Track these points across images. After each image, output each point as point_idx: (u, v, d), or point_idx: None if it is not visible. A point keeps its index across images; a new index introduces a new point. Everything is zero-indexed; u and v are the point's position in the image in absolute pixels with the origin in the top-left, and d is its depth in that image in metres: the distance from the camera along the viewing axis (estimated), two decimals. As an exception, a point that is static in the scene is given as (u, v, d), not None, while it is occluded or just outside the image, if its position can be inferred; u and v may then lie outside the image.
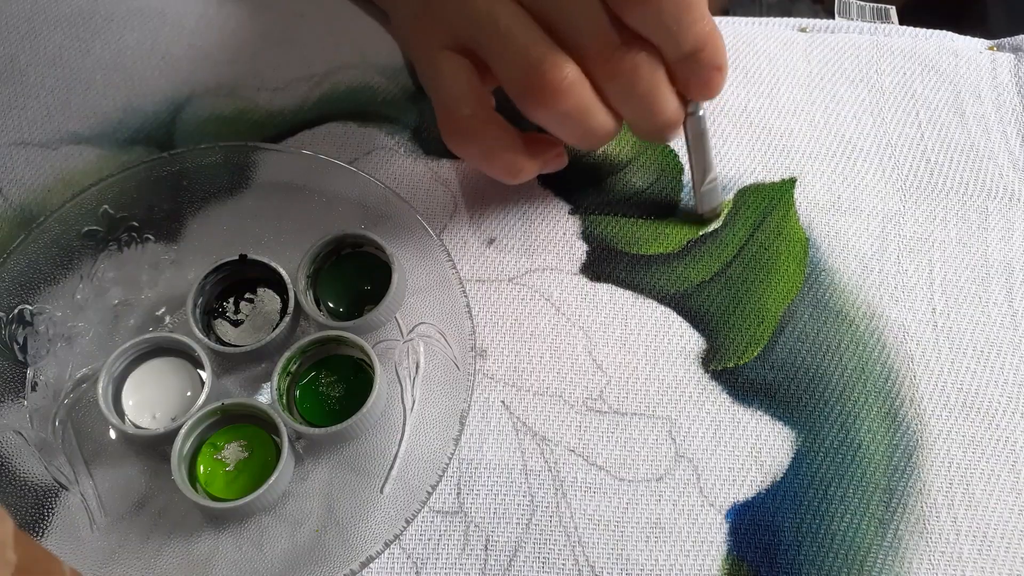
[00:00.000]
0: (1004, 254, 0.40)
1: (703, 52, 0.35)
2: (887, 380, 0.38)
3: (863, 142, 0.43)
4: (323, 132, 0.43)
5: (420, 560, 0.35)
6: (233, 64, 0.45)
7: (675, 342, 0.39)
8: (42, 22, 0.46)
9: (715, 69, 0.36)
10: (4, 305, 0.38)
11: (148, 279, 0.39)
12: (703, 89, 0.36)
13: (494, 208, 0.41)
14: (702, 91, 0.37)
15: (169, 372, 0.37)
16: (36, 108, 0.44)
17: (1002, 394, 0.38)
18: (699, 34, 0.35)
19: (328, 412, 0.37)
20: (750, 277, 0.40)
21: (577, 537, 0.35)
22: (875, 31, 0.46)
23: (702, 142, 0.39)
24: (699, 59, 0.35)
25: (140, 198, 0.40)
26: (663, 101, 0.36)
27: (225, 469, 0.36)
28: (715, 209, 0.41)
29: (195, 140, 0.43)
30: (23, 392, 0.37)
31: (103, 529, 0.35)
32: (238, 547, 0.35)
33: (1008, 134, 0.43)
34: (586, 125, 0.36)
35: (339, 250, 0.39)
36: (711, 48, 0.35)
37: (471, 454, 0.36)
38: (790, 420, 0.37)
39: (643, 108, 0.36)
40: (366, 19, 0.46)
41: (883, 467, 0.36)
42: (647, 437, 0.37)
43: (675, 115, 0.37)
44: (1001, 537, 0.35)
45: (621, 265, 0.40)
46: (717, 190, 0.40)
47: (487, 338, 0.39)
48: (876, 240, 0.41)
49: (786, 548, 0.35)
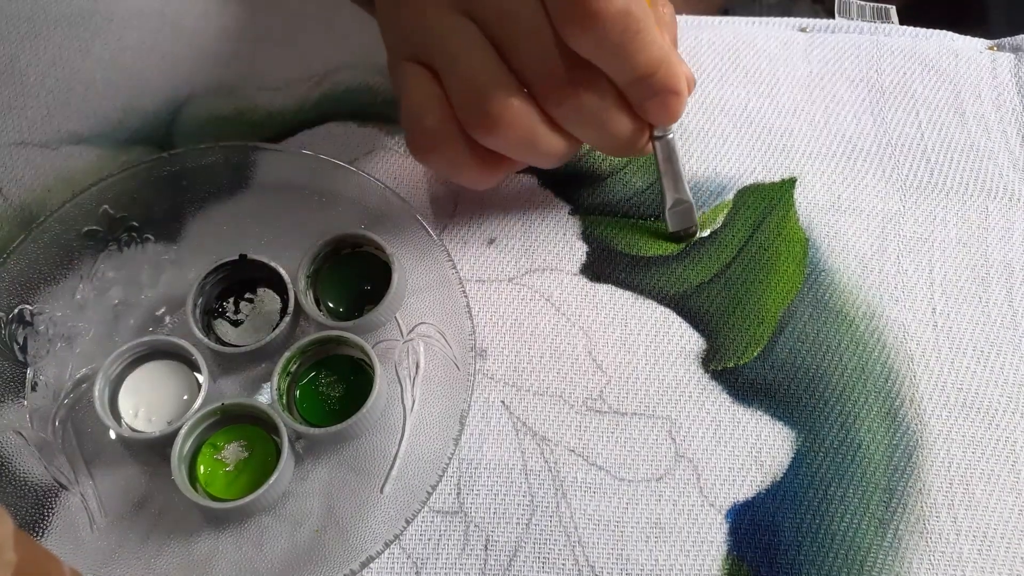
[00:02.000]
0: (1004, 254, 0.40)
1: (654, 77, 0.34)
2: (887, 380, 0.38)
3: (863, 142, 0.43)
4: (323, 132, 0.43)
5: (420, 560, 0.35)
6: (233, 64, 0.45)
7: (675, 342, 0.39)
8: (42, 22, 0.46)
9: (670, 93, 0.35)
10: (4, 305, 0.38)
11: (148, 279, 0.39)
12: (659, 113, 0.36)
13: (494, 208, 0.41)
14: (659, 115, 0.36)
15: (166, 375, 0.37)
16: (36, 108, 0.44)
17: (1002, 394, 0.38)
18: (648, 59, 0.34)
19: (328, 412, 0.37)
20: (750, 277, 0.40)
21: (577, 537, 0.35)
22: (875, 31, 0.46)
23: (671, 165, 0.39)
24: (651, 84, 0.35)
25: (140, 198, 0.40)
26: (613, 125, 0.36)
27: (225, 469, 0.36)
28: (688, 230, 0.40)
29: (195, 140, 0.43)
30: (23, 392, 0.37)
31: (103, 529, 0.35)
32: (238, 547, 0.35)
33: (1008, 134, 0.43)
34: (536, 151, 0.36)
35: (339, 250, 0.39)
36: (663, 73, 0.34)
37: (471, 454, 0.36)
38: (790, 420, 0.37)
39: (593, 132, 0.36)
40: (366, 19, 0.46)
41: (883, 467, 0.36)
42: (647, 437, 0.37)
43: (630, 137, 0.36)
44: (1001, 537, 0.35)
45: (621, 265, 0.40)
46: (691, 212, 0.40)
47: (487, 338, 0.39)
48: (876, 240, 0.41)
49: (786, 548, 0.35)
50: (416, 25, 0.36)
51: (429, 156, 0.36)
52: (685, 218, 0.40)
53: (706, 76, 0.45)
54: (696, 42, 0.45)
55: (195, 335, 0.37)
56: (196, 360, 0.36)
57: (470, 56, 0.34)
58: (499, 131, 0.34)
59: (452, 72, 0.35)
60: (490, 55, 0.34)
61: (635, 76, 0.34)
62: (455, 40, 0.34)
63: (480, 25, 0.34)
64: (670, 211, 0.40)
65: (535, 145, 0.35)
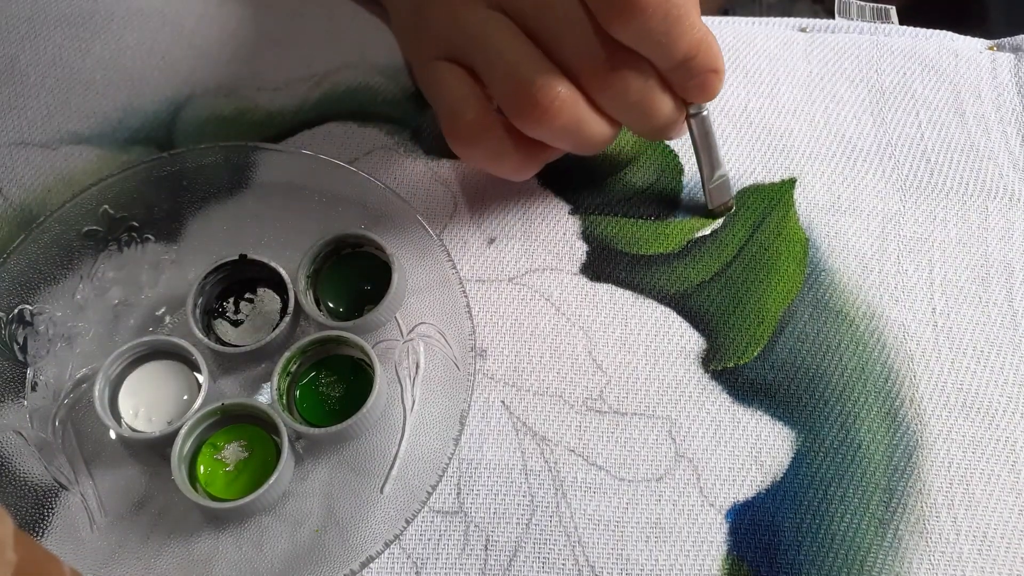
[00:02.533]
0: (1004, 254, 0.40)
1: (695, 60, 0.35)
2: (887, 380, 0.38)
3: (863, 142, 0.43)
4: (323, 132, 0.43)
5: (420, 560, 0.35)
6: (233, 64, 0.45)
7: (675, 342, 0.39)
8: (42, 22, 0.46)
9: (710, 72, 0.36)
10: (4, 305, 0.38)
11: (148, 279, 0.39)
12: (700, 92, 0.36)
13: (494, 208, 0.41)
14: (699, 94, 0.37)
15: (166, 375, 0.37)
16: (36, 108, 0.44)
17: (1002, 394, 0.38)
18: (689, 44, 0.34)
19: (328, 412, 0.37)
20: (750, 277, 0.40)
21: (577, 537, 0.35)
22: (875, 31, 0.46)
23: (708, 140, 0.39)
24: (692, 66, 0.35)
25: (140, 198, 0.40)
26: (657, 107, 0.36)
27: (225, 469, 0.36)
28: (726, 203, 0.41)
29: (195, 140, 0.43)
30: (23, 392, 0.37)
31: (103, 529, 0.35)
32: (238, 547, 0.35)
33: (1008, 134, 0.43)
34: (581, 137, 0.36)
35: (339, 250, 0.39)
36: (703, 55, 0.35)
37: (471, 454, 0.36)
38: (790, 420, 0.37)
39: (638, 115, 0.36)
40: (366, 19, 0.46)
41: (883, 467, 0.36)
42: (647, 437, 0.37)
43: (672, 117, 0.37)
44: (1001, 537, 0.35)
45: (621, 265, 0.40)
46: (728, 185, 0.41)
47: (487, 338, 0.39)
48: (876, 240, 0.41)
49: (786, 548, 0.35)
50: (448, 24, 0.36)
51: (472, 150, 0.37)
52: (725, 191, 0.41)
53: (706, 76, 0.45)
54: (696, 42, 0.45)
55: (195, 335, 0.37)
56: (196, 360, 0.36)
57: (511, 48, 0.35)
58: (547, 119, 0.34)
59: (493, 66, 0.35)
60: (530, 46, 0.35)
61: (677, 61, 0.35)
62: (493, 34, 0.35)
63: (515, 18, 0.35)
64: (711, 187, 0.40)
65: (582, 130, 0.36)
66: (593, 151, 0.38)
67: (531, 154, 0.37)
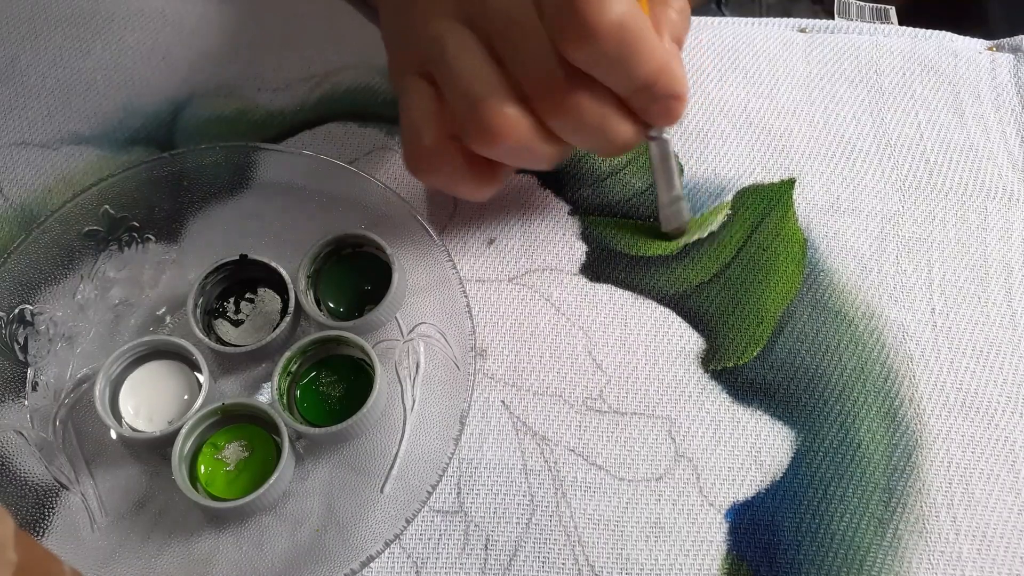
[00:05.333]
0: (1003, 254, 0.40)
1: (656, 86, 0.34)
2: (887, 380, 0.38)
3: (862, 142, 0.43)
4: (323, 132, 0.43)
5: (420, 560, 0.35)
6: (233, 64, 0.45)
7: (675, 342, 0.39)
8: (43, 23, 0.46)
9: (672, 98, 0.35)
10: (5, 305, 0.38)
11: (149, 279, 0.39)
12: (662, 117, 0.36)
13: (494, 208, 0.41)
14: (660, 119, 0.36)
15: (167, 375, 0.37)
16: (37, 108, 0.44)
17: (1002, 394, 0.38)
18: (648, 70, 0.33)
19: (328, 412, 0.37)
20: (749, 278, 0.40)
21: (577, 537, 0.35)
22: (875, 31, 0.46)
23: (667, 164, 0.39)
24: (652, 92, 0.34)
25: (141, 198, 0.40)
26: (614, 131, 0.35)
27: (225, 469, 0.36)
28: (680, 228, 0.40)
29: (195, 140, 0.43)
30: (23, 392, 0.37)
31: (103, 529, 0.35)
32: (238, 547, 0.35)
33: (1007, 134, 0.43)
34: (529, 157, 0.35)
35: (339, 250, 0.39)
36: (664, 81, 0.34)
37: (471, 454, 0.36)
38: (790, 420, 0.37)
39: (594, 138, 0.35)
40: (366, 20, 0.46)
41: (883, 467, 0.36)
42: (647, 437, 0.37)
43: (630, 140, 0.36)
44: (1001, 537, 0.35)
45: (620, 265, 0.40)
46: (682, 210, 0.40)
47: (487, 338, 0.39)
48: (875, 240, 0.41)
49: (786, 548, 0.35)
50: (420, 33, 0.35)
51: (427, 176, 0.37)
52: (679, 215, 0.40)
53: (706, 76, 0.45)
54: (696, 42, 0.45)
55: (196, 335, 0.37)
56: (197, 360, 0.37)
57: (466, 65, 0.34)
58: (496, 139, 0.34)
59: (450, 80, 0.34)
60: (487, 64, 0.34)
61: (636, 87, 0.34)
62: (452, 49, 0.34)
63: (480, 35, 0.34)
64: (666, 211, 0.40)
65: (530, 151, 0.35)
66: (546, 168, 0.37)
67: (487, 177, 0.36)
